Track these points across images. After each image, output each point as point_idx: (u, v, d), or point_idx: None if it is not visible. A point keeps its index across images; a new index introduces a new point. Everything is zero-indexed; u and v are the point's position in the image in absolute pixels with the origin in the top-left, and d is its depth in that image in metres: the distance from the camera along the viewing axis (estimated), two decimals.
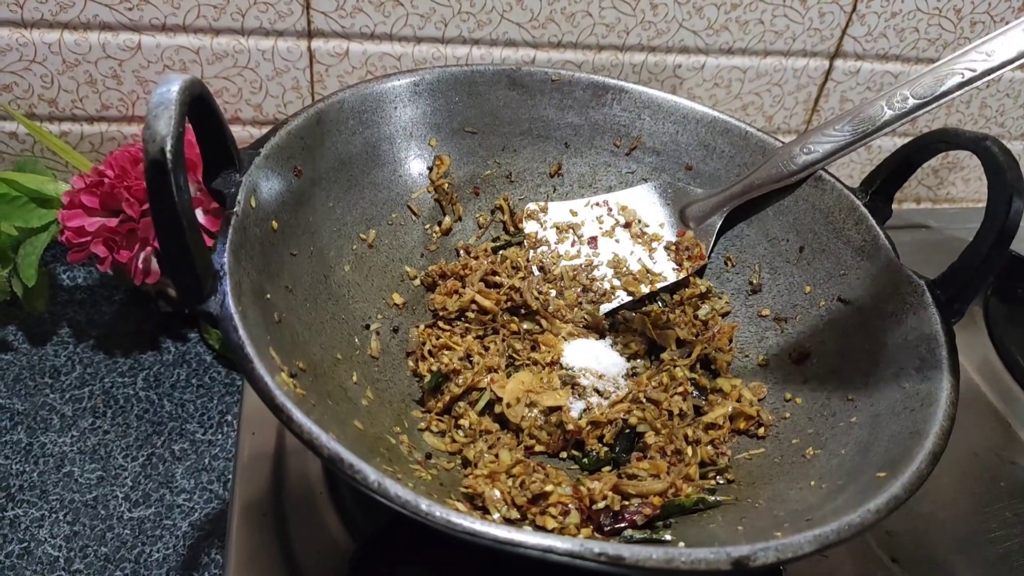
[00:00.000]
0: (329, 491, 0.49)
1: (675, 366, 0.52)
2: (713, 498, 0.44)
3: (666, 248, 0.58)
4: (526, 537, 0.31)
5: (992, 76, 0.47)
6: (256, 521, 0.47)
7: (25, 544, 0.51)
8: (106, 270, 0.58)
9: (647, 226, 0.59)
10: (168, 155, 0.32)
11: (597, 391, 0.51)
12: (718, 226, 0.57)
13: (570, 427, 0.48)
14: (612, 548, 0.31)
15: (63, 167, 0.67)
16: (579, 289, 0.57)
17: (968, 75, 0.48)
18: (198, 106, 0.37)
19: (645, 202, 0.59)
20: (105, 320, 0.66)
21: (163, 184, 0.33)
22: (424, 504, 0.31)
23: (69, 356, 0.63)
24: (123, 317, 0.66)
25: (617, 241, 0.59)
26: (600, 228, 0.59)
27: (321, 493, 0.49)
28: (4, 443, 0.57)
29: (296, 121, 0.47)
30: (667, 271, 0.58)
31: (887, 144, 0.81)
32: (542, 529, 0.41)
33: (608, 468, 0.47)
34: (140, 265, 0.58)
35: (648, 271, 0.58)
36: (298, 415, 0.33)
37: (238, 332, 0.35)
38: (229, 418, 0.60)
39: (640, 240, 0.58)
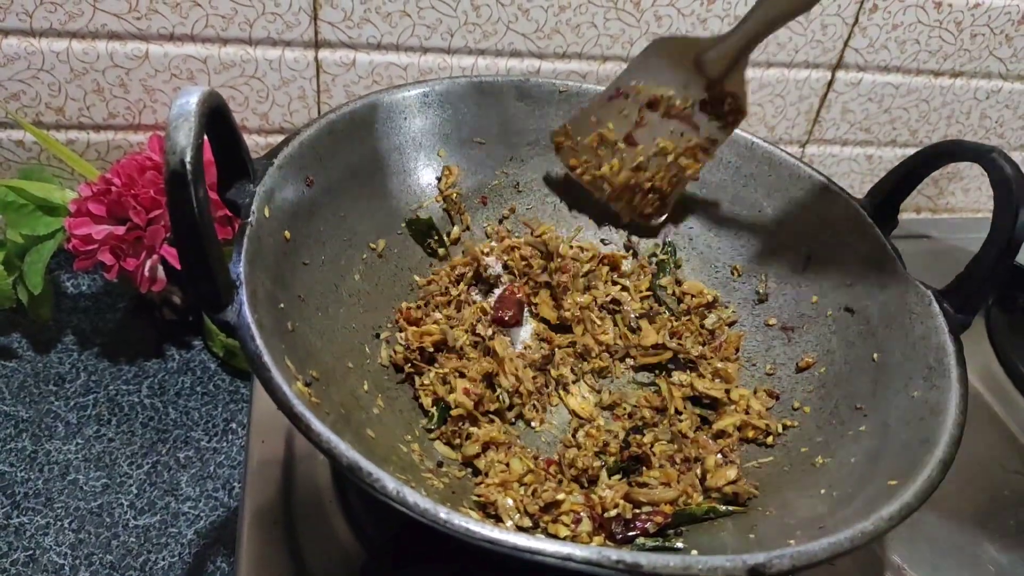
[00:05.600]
0: (339, 499, 0.49)
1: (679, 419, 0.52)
2: (723, 507, 0.44)
3: (702, 107, 0.54)
4: (544, 545, 0.31)
5: None
6: (266, 529, 0.47)
7: (31, 551, 0.51)
8: (113, 278, 0.58)
9: (672, 96, 0.54)
10: (188, 166, 0.33)
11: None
12: (746, 74, 0.53)
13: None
14: (630, 556, 0.31)
15: (69, 175, 0.67)
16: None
17: None
18: (215, 118, 0.37)
19: (657, 69, 0.54)
20: (110, 328, 0.66)
21: (183, 195, 0.33)
22: (443, 512, 0.32)
23: (74, 364, 0.63)
24: (128, 325, 0.67)
25: (648, 126, 0.55)
26: (628, 121, 0.56)
27: (331, 501, 0.49)
28: (9, 450, 0.56)
29: (308, 132, 0.48)
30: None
31: (891, 154, 0.81)
32: (554, 537, 0.41)
33: (618, 476, 0.47)
34: (147, 273, 0.59)
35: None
36: (316, 424, 0.33)
37: (255, 341, 0.36)
38: (234, 425, 0.60)
39: (673, 116, 0.54)
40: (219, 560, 0.52)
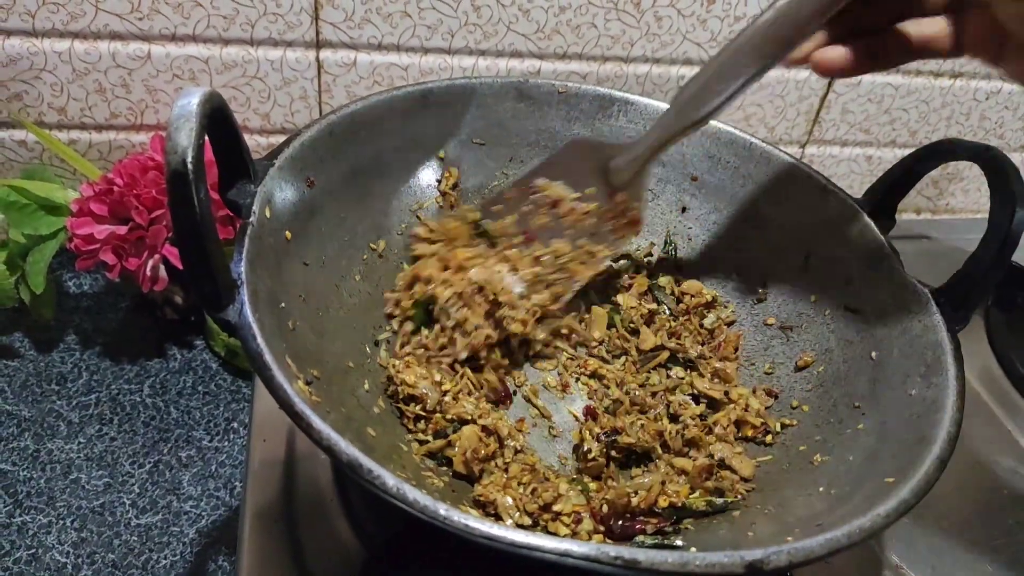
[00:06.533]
0: (340, 498, 0.49)
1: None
2: (721, 500, 0.44)
3: (600, 216, 0.54)
4: (543, 541, 0.32)
5: None
6: (267, 528, 0.47)
7: (33, 550, 0.51)
8: (115, 277, 0.59)
9: (575, 199, 0.54)
10: (189, 166, 0.33)
11: None
12: (646, 185, 0.54)
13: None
14: (628, 552, 0.31)
15: (71, 175, 0.67)
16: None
17: None
18: (216, 118, 0.37)
19: (567, 171, 0.55)
20: (111, 327, 0.66)
21: (184, 195, 0.33)
22: (442, 509, 0.32)
23: (76, 363, 0.63)
24: (129, 324, 0.67)
25: (549, 226, 0.55)
26: (530, 217, 0.55)
27: (332, 500, 0.49)
28: (11, 449, 0.57)
29: (309, 132, 0.48)
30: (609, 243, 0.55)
31: (890, 155, 0.82)
32: (554, 535, 0.42)
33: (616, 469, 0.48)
34: (149, 273, 0.59)
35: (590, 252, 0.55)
36: (317, 422, 0.34)
37: (256, 340, 0.36)
38: (235, 425, 0.61)
39: (574, 220, 0.54)
40: (221, 559, 0.53)
